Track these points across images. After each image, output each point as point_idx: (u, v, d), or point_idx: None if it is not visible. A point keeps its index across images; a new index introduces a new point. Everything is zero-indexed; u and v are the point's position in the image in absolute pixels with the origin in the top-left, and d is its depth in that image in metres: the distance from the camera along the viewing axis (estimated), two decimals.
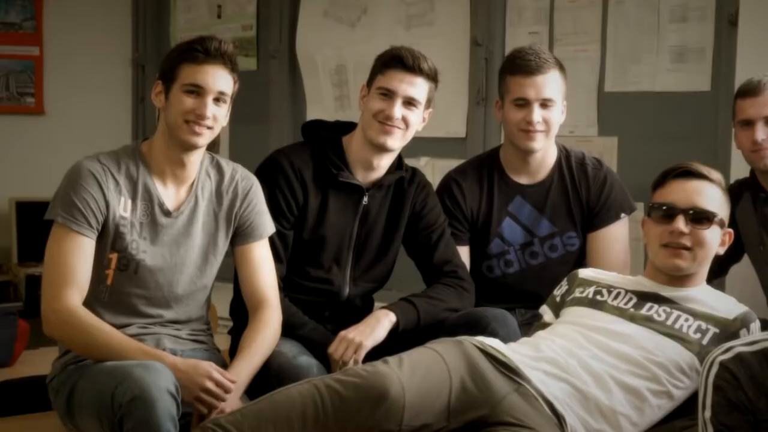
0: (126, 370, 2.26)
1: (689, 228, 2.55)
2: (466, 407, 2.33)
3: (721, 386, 2.02)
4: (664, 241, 2.58)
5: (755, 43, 3.38)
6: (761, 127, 2.89)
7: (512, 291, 3.20)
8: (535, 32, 4.01)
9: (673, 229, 2.56)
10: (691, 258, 2.58)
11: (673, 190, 2.61)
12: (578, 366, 2.45)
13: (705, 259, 2.61)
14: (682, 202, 2.58)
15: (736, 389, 2.01)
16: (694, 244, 2.57)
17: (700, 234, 2.56)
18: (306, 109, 4.72)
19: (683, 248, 2.56)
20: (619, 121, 3.85)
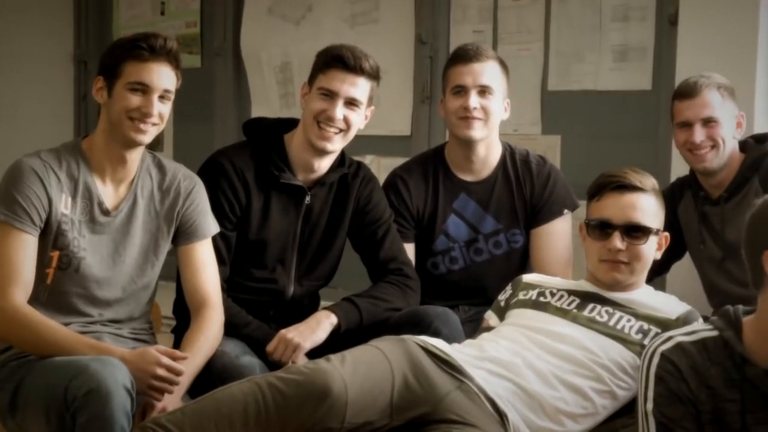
0: (81, 364, 2.24)
1: (625, 244, 2.59)
2: (408, 404, 2.34)
3: (663, 377, 2.01)
4: (603, 257, 2.62)
5: (695, 43, 3.42)
6: (699, 128, 2.92)
7: (457, 287, 3.22)
8: (480, 31, 4.02)
9: (610, 247, 2.59)
10: (629, 271, 2.62)
11: (608, 205, 2.64)
12: (522, 365, 2.46)
13: (643, 270, 2.66)
14: (617, 218, 2.61)
15: (678, 380, 1.99)
16: (631, 259, 2.61)
17: (636, 249, 2.60)
18: (251, 107, 4.68)
19: (621, 263, 2.60)
20: (562, 119, 3.87)
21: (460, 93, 3.08)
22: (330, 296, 3.22)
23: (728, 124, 2.93)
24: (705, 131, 2.91)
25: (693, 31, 3.43)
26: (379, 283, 2.97)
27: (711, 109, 2.91)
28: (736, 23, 3.33)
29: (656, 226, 2.64)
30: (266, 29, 4.61)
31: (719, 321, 2.06)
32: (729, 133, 2.94)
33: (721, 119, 2.91)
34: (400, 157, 3.73)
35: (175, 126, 4.88)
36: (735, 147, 2.99)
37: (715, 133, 2.91)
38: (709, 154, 2.93)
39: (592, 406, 2.46)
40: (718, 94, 2.92)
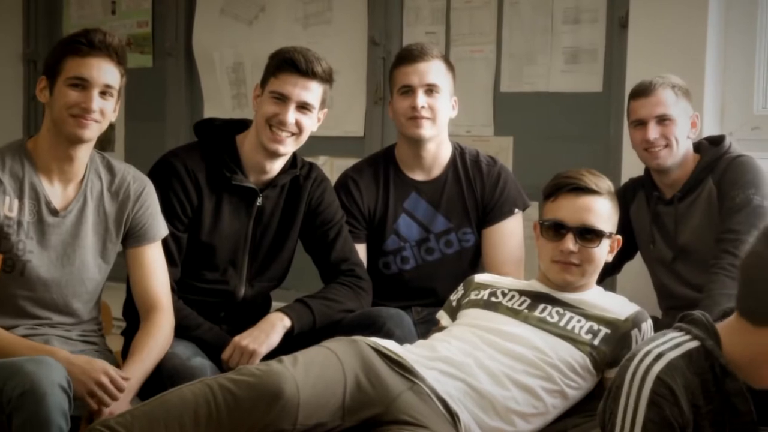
0: (16, 365, 2.21)
1: (578, 246, 2.61)
2: (360, 405, 2.34)
3: (658, 403, 1.82)
4: (555, 258, 2.64)
5: (645, 45, 3.44)
6: (653, 126, 2.95)
7: (409, 287, 3.22)
8: (432, 32, 4.03)
9: (563, 248, 2.61)
10: (580, 273, 2.64)
11: (563, 206, 2.65)
12: (474, 365, 2.47)
13: (594, 272, 2.68)
14: (571, 221, 2.62)
15: (673, 405, 1.82)
16: (583, 261, 2.63)
17: (588, 252, 2.62)
18: (203, 107, 4.65)
19: (573, 265, 2.62)
20: (514, 121, 3.89)
21: (408, 93, 3.10)
22: (283, 297, 3.21)
23: (682, 124, 2.97)
24: (659, 129, 2.95)
25: (643, 34, 3.46)
26: (331, 285, 2.96)
27: (665, 107, 2.95)
28: (685, 26, 3.36)
29: (609, 230, 2.65)
30: (218, 29, 4.59)
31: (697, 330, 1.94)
32: (683, 132, 2.97)
33: (676, 118, 2.95)
34: (354, 157, 3.72)
35: (127, 126, 4.84)
36: (689, 147, 3.02)
37: (669, 132, 2.95)
38: (663, 152, 2.96)
39: (542, 405, 2.48)
40: (673, 93, 2.96)
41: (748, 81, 3.39)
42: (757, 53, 3.37)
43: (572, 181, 2.65)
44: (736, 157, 2.94)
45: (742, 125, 3.40)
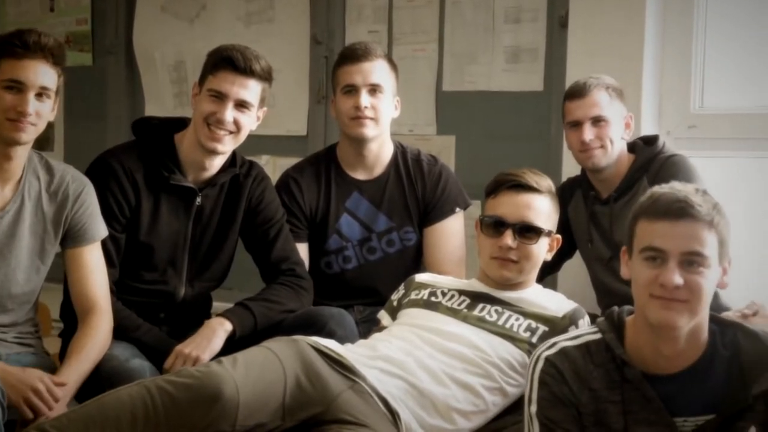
0: None
1: (517, 243, 2.63)
2: (301, 405, 2.33)
3: (546, 381, 2.05)
4: (494, 254, 2.65)
5: (584, 44, 3.48)
6: (588, 127, 2.97)
7: (351, 287, 3.22)
8: (375, 31, 4.03)
9: (502, 244, 2.63)
10: (518, 270, 2.66)
11: (503, 203, 2.67)
12: (414, 364, 2.48)
13: (533, 269, 2.70)
14: (511, 217, 2.64)
15: (561, 384, 2.04)
16: (521, 258, 2.64)
17: (527, 248, 2.64)
18: (144, 106, 4.61)
19: (511, 261, 2.63)
20: (456, 120, 3.90)
21: (351, 92, 3.10)
22: (224, 297, 3.19)
23: (617, 124, 3.00)
24: (594, 130, 2.97)
25: (583, 34, 3.49)
26: (272, 285, 2.95)
27: (600, 108, 2.97)
28: (624, 26, 3.40)
29: (548, 228, 2.68)
30: (159, 27, 4.55)
31: (603, 323, 2.10)
32: (617, 133, 3.00)
33: (610, 119, 2.98)
34: (296, 157, 3.71)
35: (66, 125, 4.78)
36: (624, 147, 3.05)
37: (603, 133, 2.97)
38: (598, 153, 2.98)
39: (482, 403, 2.49)
40: (607, 94, 2.98)
41: (685, 80, 3.43)
42: (693, 53, 3.42)
43: (513, 179, 2.68)
44: (670, 157, 2.98)
45: (680, 124, 3.44)
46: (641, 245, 1.98)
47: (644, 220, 1.98)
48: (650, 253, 1.95)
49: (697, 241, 1.92)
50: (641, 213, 2.00)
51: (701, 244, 1.92)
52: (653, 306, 1.95)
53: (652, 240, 1.95)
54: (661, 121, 3.47)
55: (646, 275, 1.96)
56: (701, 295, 1.93)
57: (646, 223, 1.98)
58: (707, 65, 3.44)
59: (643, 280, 1.96)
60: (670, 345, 1.98)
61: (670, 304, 1.93)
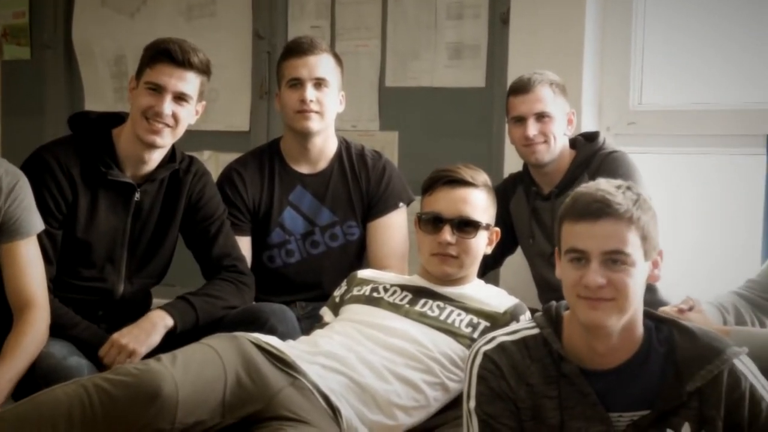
0: None
1: (455, 238, 2.63)
2: (241, 402, 2.32)
3: (485, 376, 2.06)
4: (434, 251, 2.66)
5: (526, 41, 3.50)
6: (532, 123, 2.99)
7: (294, 281, 3.22)
8: (317, 26, 4.02)
9: (441, 240, 2.63)
10: (459, 265, 2.67)
11: (440, 199, 2.68)
12: (356, 359, 2.48)
13: (473, 264, 2.71)
14: (448, 212, 2.65)
15: (499, 378, 2.05)
16: (461, 252, 2.65)
17: (466, 243, 2.65)
18: (84, 101, 4.55)
19: (450, 256, 2.64)
20: (399, 115, 3.90)
21: (296, 86, 3.09)
22: (166, 294, 3.15)
23: (560, 120, 3.03)
24: (538, 126, 2.99)
25: (524, 30, 3.51)
26: (213, 281, 2.93)
27: (544, 104, 2.99)
28: (564, 23, 3.43)
29: (486, 221, 2.69)
30: (99, 21, 4.49)
31: (541, 318, 2.11)
32: (560, 129, 3.03)
33: (554, 115, 3.00)
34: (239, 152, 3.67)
35: (3, 120, 4.70)
36: (566, 143, 3.08)
37: (547, 129, 2.99)
38: (541, 148, 3.00)
39: (424, 398, 2.50)
40: (551, 90, 3.01)
41: (625, 77, 3.48)
42: (632, 50, 3.46)
43: (448, 174, 2.69)
44: (610, 153, 3.01)
45: (619, 120, 3.48)
46: (566, 247, 2.00)
47: (567, 222, 2.00)
48: (574, 255, 1.97)
49: (617, 240, 1.94)
50: (564, 215, 2.02)
51: (622, 242, 1.94)
52: (581, 307, 1.97)
53: (574, 241, 1.97)
54: (601, 117, 3.51)
55: (571, 276, 1.98)
56: (627, 292, 1.95)
57: (568, 224, 2.00)
58: (646, 63, 3.49)
59: (570, 282, 1.99)
60: (603, 342, 2.00)
61: (597, 304, 1.94)
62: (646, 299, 2.05)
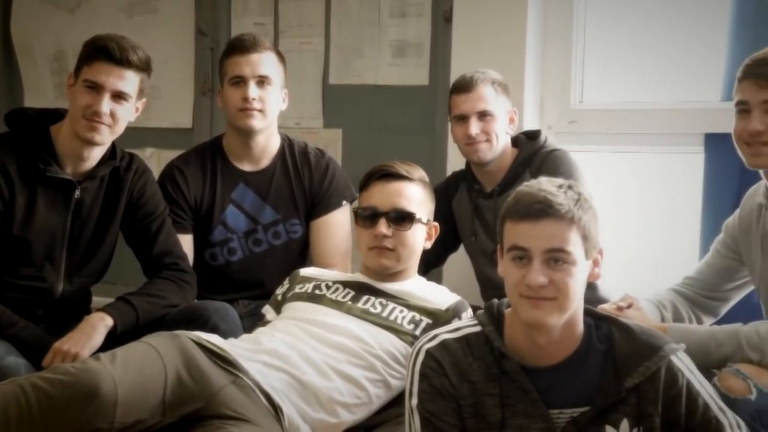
0: None
1: (391, 230, 2.64)
2: (182, 401, 2.31)
3: (427, 374, 2.07)
4: (371, 244, 2.67)
5: (468, 40, 3.52)
6: (474, 121, 3.01)
7: (236, 280, 3.20)
8: (261, 23, 4.00)
9: (377, 233, 2.64)
10: (396, 258, 2.67)
11: (375, 193, 2.69)
12: (298, 357, 2.47)
13: (410, 257, 2.71)
14: (383, 206, 2.66)
15: (441, 376, 2.06)
16: (397, 245, 2.66)
17: (402, 235, 2.66)
18: (23, 97, 4.49)
19: (387, 249, 2.65)
20: (343, 113, 3.91)
21: (239, 83, 3.08)
22: (108, 292, 3.12)
23: (502, 119, 3.04)
24: (480, 124, 3.00)
25: (466, 29, 3.53)
26: (154, 280, 2.90)
27: (486, 103, 3.01)
28: (506, 22, 3.45)
29: (423, 215, 2.70)
30: (39, 16, 4.44)
31: (483, 316, 2.13)
32: (502, 127, 3.05)
33: (496, 113, 3.02)
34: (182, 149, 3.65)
35: None
36: (508, 142, 3.10)
37: (489, 127, 3.01)
38: (483, 146, 3.02)
39: (366, 395, 2.50)
40: (493, 89, 3.02)
41: (566, 76, 3.51)
42: (573, 49, 3.50)
43: (383, 169, 2.71)
44: (552, 151, 3.04)
45: (560, 119, 3.52)
46: (508, 245, 2.01)
47: (509, 221, 2.02)
48: (516, 253, 1.99)
49: (558, 239, 1.96)
50: (506, 214, 2.03)
51: (563, 241, 1.96)
52: (523, 306, 1.98)
53: (516, 240, 1.99)
54: (543, 116, 3.54)
55: (514, 275, 1.99)
56: (568, 291, 1.96)
57: (510, 223, 2.01)
58: (587, 62, 3.52)
59: (512, 281, 2.00)
60: (544, 340, 2.01)
61: (539, 303, 1.96)
62: (587, 296, 2.07)
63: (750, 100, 2.36)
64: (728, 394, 2.20)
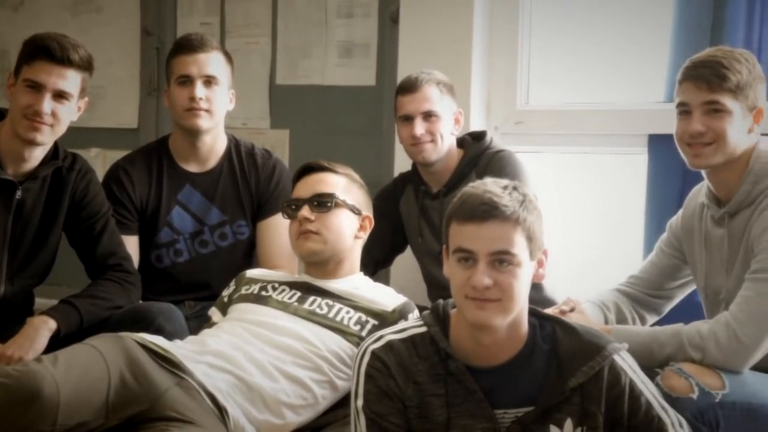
0: None
1: (314, 214, 2.64)
2: (125, 403, 2.29)
3: (372, 374, 2.07)
4: (296, 232, 2.67)
5: (415, 41, 3.53)
6: (420, 122, 3.01)
7: (182, 281, 3.18)
8: (207, 23, 3.99)
9: (300, 218, 2.64)
10: (322, 241, 2.66)
11: (299, 187, 2.72)
12: (243, 358, 2.47)
13: (337, 241, 2.68)
14: (304, 194, 2.68)
15: (387, 377, 2.06)
16: (321, 228, 2.65)
17: (324, 217, 2.65)
18: None
19: (311, 232, 2.64)
20: (290, 113, 3.90)
21: (186, 83, 3.06)
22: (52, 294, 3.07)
23: (447, 119, 3.05)
24: (425, 125, 3.01)
25: (413, 30, 3.54)
26: (98, 281, 2.87)
27: (431, 103, 3.02)
28: (453, 24, 3.47)
29: (348, 199, 2.69)
30: None
31: (428, 316, 2.13)
32: (447, 128, 3.06)
33: (441, 114, 3.03)
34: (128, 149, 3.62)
35: None
36: (453, 142, 3.11)
37: (434, 128, 3.02)
38: (428, 147, 3.03)
39: (312, 396, 2.50)
40: (438, 89, 3.04)
41: (512, 77, 3.53)
42: (519, 51, 3.52)
43: (306, 165, 2.75)
44: (497, 152, 3.06)
45: (507, 120, 3.53)
46: (453, 246, 2.02)
47: (455, 223, 2.03)
48: (461, 255, 2.00)
49: (504, 241, 1.97)
50: (452, 215, 2.04)
51: (508, 243, 1.97)
52: (469, 307, 1.99)
53: (462, 242, 1.99)
54: (490, 116, 3.56)
55: (459, 277, 2.00)
56: (513, 293, 1.98)
57: (456, 225, 2.02)
58: (533, 63, 3.55)
59: (457, 282, 2.01)
60: (489, 341, 2.02)
61: (484, 305, 1.97)
62: (532, 297, 2.08)
63: (690, 102, 2.40)
64: (671, 393, 2.22)
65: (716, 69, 2.35)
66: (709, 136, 2.38)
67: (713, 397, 2.22)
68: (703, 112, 2.38)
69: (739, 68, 2.36)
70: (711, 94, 2.36)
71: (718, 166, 2.42)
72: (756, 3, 3.02)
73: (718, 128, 2.37)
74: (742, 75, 2.35)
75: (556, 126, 3.47)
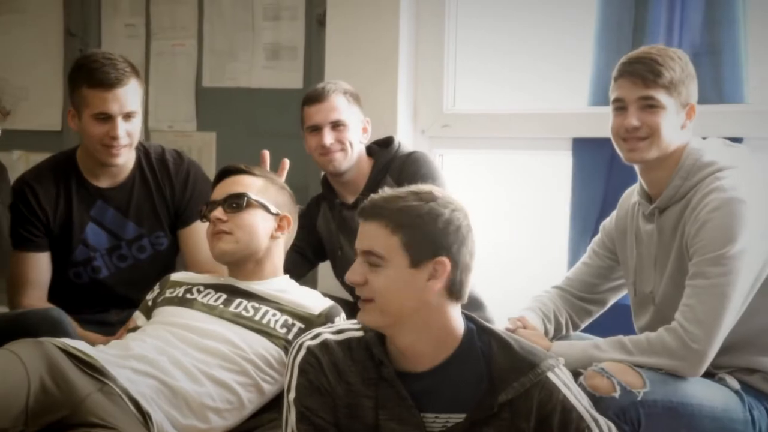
0: None
1: (227, 215, 2.63)
2: (46, 409, 2.25)
3: (305, 369, 2.08)
4: (209, 234, 2.67)
5: (342, 44, 3.53)
6: (328, 131, 3.02)
7: (104, 295, 3.11)
8: (132, 24, 3.94)
9: (212, 219, 2.64)
10: (234, 241, 2.64)
11: (216, 190, 2.71)
12: (168, 362, 2.44)
13: (251, 240, 2.65)
14: (218, 196, 2.68)
15: (319, 373, 2.07)
16: (233, 228, 2.63)
17: (236, 217, 2.63)
18: None
19: (224, 233, 2.63)
20: (217, 116, 3.87)
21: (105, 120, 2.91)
22: None
23: (355, 128, 3.07)
24: (334, 134, 3.02)
25: (340, 33, 3.54)
26: None
27: (339, 112, 3.03)
28: (379, 27, 3.48)
29: (262, 199, 2.67)
30: None
31: None
32: (356, 137, 3.07)
33: (349, 123, 3.04)
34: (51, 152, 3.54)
35: None
36: (362, 151, 3.12)
37: (343, 137, 3.03)
38: (338, 156, 3.03)
39: (237, 400, 2.48)
40: (345, 99, 3.05)
41: (439, 81, 3.54)
42: (446, 55, 3.54)
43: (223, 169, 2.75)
44: (410, 154, 3.08)
45: (434, 123, 3.55)
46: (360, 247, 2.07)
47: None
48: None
49: (371, 241, 2.01)
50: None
51: (377, 244, 2.00)
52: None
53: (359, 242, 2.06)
54: (416, 119, 3.57)
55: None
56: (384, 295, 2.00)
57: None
58: (459, 67, 3.57)
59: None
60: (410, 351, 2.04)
61: (362, 305, 2.04)
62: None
63: (626, 98, 2.45)
64: (593, 393, 2.24)
65: (651, 65, 2.41)
66: (644, 130, 2.43)
67: (635, 395, 2.25)
68: (639, 108, 2.43)
69: (673, 65, 2.42)
70: (646, 90, 2.41)
71: (652, 162, 2.46)
72: (676, 5, 3.07)
73: (652, 123, 2.42)
74: (675, 72, 2.41)
75: (483, 129, 3.50)
